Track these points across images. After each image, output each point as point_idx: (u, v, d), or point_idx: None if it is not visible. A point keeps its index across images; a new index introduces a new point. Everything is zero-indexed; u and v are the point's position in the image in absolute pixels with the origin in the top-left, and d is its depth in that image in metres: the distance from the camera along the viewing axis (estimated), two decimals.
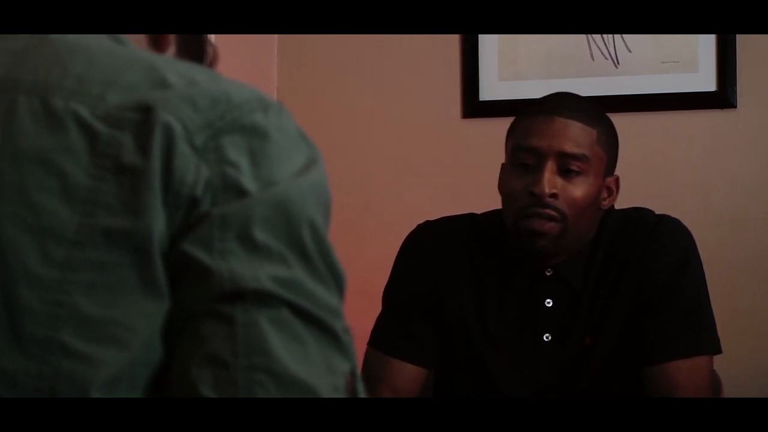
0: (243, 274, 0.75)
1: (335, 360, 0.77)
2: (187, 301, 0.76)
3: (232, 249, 0.76)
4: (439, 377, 1.91)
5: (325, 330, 0.77)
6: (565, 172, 1.72)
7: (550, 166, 1.71)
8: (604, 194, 1.77)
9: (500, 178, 1.80)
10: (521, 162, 1.74)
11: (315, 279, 0.78)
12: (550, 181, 1.70)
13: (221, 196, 0.77)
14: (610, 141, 1.77)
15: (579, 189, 1.72)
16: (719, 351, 1.78)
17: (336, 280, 0.80)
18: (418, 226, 1.91)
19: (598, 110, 1.79)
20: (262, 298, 0.75)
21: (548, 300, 1.79)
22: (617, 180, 1.80)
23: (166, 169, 0.76)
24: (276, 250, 0.77)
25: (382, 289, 1.91)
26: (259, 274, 0.75)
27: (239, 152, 0.78)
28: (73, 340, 0.74)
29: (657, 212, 1.84)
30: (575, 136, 1.72)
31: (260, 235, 0.76)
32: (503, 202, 1.78)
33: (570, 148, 1.71)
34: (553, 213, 1.71)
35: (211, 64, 0.98)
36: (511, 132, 1.80)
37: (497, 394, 1.80)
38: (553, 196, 1.70)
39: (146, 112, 0.77)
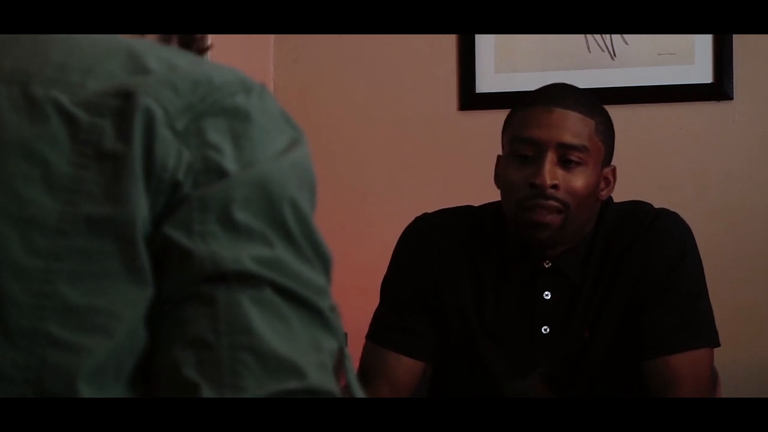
0: (224, 256, 0.74)
1: (321, 338, 0.76)
2: (170, 285, 0.75)
3: (213, 231, 0.75)
4: (438, 370, 1.91)
5: (311, 308, 0.76)
6: (564, 163, 1.71)
7: (550, 157, 1.70)
8: (602, 185, 1.77)
9: (498, 170, 1.80)
10: (520, 153, 1.73)
11: (299, 258, 0.77)
12: (551, 172, 1.69)
13: (202, 178, 0.76)
14: (607, 132, 1.77)
15: (579, 180, 1.71)
16: (717, 344, 1.77)
17: (321, 259, 0.79)
18: (416, 218, 1.90)
19: (595, 101, 1.78)
20: (244, 279, 0.74)
21: (547, 292, 1.79)
22: (614, 170, 1.80)
23: (147, 155, 0.75)
24: (257, 230, 0.76)
25: (380, 282, 1.90)
26: (241, 255, 0.75)
27: (221, 135, 0.77)
28: (58, 330, 0.74)
29: (653, 204, 1.83)
30: (574, 127, 1.71)
31: (241, 215, 0.75)
32: (503, 194, 1.78)
33: (570, 138, 1.71)
34: (555, 204, 1.70)
35: (202, 50, 0.97)
36: (508, 123, 1.79)
37: (495, 387, 1.80)
38: (554, 187, 1.70)
39: (126, 98, 0.77)
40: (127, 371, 0.76)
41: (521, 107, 1.77)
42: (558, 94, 1.75)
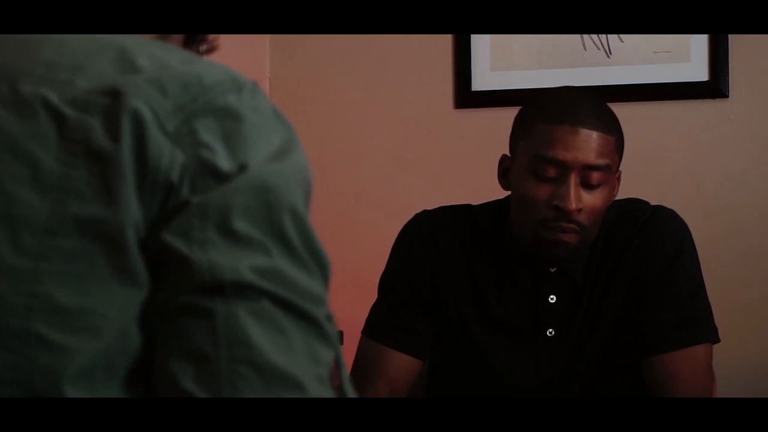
0: (222, 265, 0.74)
1: (318, 349, 0.76)
2: (168, 291, 0.75)
3: (212, 239, 0.75)
4: (437, 369, 1.90)
5: (308, 319, 0.76)
6: (587, 183, 1.70)
7: (574, 179, 1.68)
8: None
9: (513, 180, 1.76)
10: (544, 172, 1.70)
11: (297, 266, 0.77)
12: (576, 195, 1.68)
13: (199, 180, 0.76)
14: (622, 144, 1.76)
15: (599, 199, 1.70)
16: (717, 340, 1.77)
17: (320, 265, 0.79)
18: (416, 215, 1.89)
19: (612, 114, 1.75)
20: (242, 290, 0.74)
21: (552, 296, 1.79)
22: (620, 175, 1.79)
23: (138, 156, 0.75)
24: (256, 239, 0.75)
25: (374, 280, 1.90)
26: (239, 265, 0.74)
27: (213, 135, 0.77)
28: (47, 330, 0.73)
29: (649, 202, 1.83)
30: (599, 148, 1.69)
31: (240, 224, 0.75)
32: (519, 208, 1.74)
33: (594, 160, 1.68)
34: (575, 227, 1.70)
35: (209, 50, 0.97)
36: (526, 134, 1.74)
37: (498, 387, 1.80)
38: (579, 210, 1.69)
39: (114, 96, 0.76)
40: (120, 372, 0.75)
41: (544, 120, 1.71)
42: (585, 114, 1.71)
